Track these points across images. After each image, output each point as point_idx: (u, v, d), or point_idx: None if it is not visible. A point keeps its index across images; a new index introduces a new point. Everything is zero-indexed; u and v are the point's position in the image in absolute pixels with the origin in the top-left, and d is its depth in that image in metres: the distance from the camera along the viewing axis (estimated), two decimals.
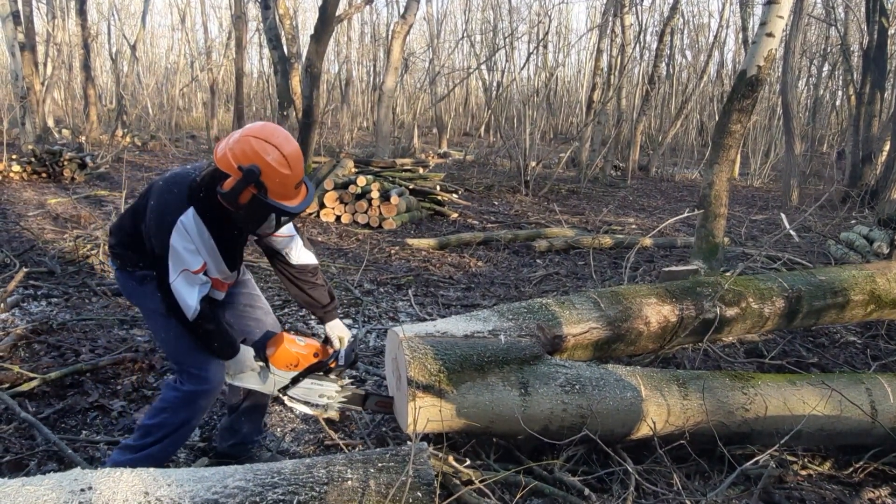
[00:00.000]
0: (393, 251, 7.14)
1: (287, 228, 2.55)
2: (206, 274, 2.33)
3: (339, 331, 2.68)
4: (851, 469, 2.92)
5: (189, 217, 2.21)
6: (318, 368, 2.53)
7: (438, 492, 2.02)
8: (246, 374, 2.49)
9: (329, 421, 3.15)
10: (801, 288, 3.74)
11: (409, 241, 7.51)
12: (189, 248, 2.22)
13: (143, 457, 2.39)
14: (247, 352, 2.48)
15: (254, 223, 2.27)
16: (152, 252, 2.27)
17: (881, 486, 2.84)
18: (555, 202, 11.58)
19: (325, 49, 10.31)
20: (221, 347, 2.39)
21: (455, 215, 9.78)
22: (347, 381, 2.66)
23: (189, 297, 2.24)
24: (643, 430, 2.77)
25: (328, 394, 2.57)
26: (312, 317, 4.67)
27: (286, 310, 4.80)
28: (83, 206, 8.20)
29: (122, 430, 3.02)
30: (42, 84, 16.15)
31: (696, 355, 3.84)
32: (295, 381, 2.51)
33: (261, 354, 2.51)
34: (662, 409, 2.76)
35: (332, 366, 2.56)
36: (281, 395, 2.56)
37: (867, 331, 4.71)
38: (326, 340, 2.65)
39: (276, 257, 2.63)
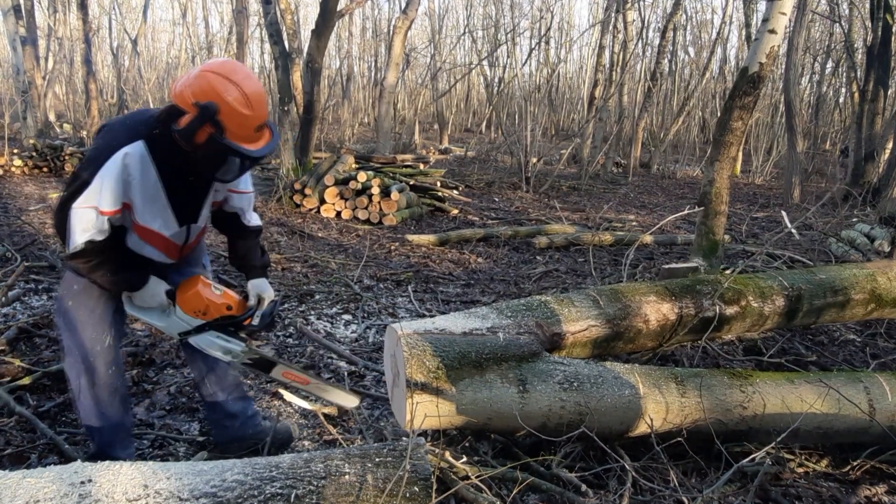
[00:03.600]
0: (393, 247, 7.15)
1: (249, 185, 2.49)
2: (135, 222, 2.22)
3: (261, 289, 2.52)
4: (848, 467, 2.93)
5: (136, 149, 2.10)
6: (229, 323, 2.38)
7: (435, 486, 2.03)
8: (150, 309, 2.35)
9: (327, 416, 3.17)
10: (802, 286, 3.74)
11: (410, 237, 7.53)
12: (117, 184, 2.08)
13: (93, 427, 2.43)
14: (156, 286, 2.34)
15: (212, 166, 2.14)
16: (73, 180, 2.11)
17: (878, 484, 2.85)
18: (555, 199, 11.58)
19: (326, 44, 10.31)
20: (117, 280, 2.26)
21: (455, 212, 9.79)
22: (258, 343, 2.52)
23: (80, 233, 2.09)
24: (641, 428, 2.77)
25: (233, 351, 2.42)
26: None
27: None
28: None
29: None
30: (43, 78, 16.17)
31: (694, 353, 3.84)
32: (200, 329, 2.36)
33: (171, 294, 2.37)
34: (660, 406, 2.77)
35: (246, 323, 2.41)
36: (180, 340, 2.43)
37: (866, 329, 4.71)
38: (246, 297, 2.50)
39: (230, 219, 2.54)
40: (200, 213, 2.44)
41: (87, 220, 2.08)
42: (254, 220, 2.59)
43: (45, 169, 10.68)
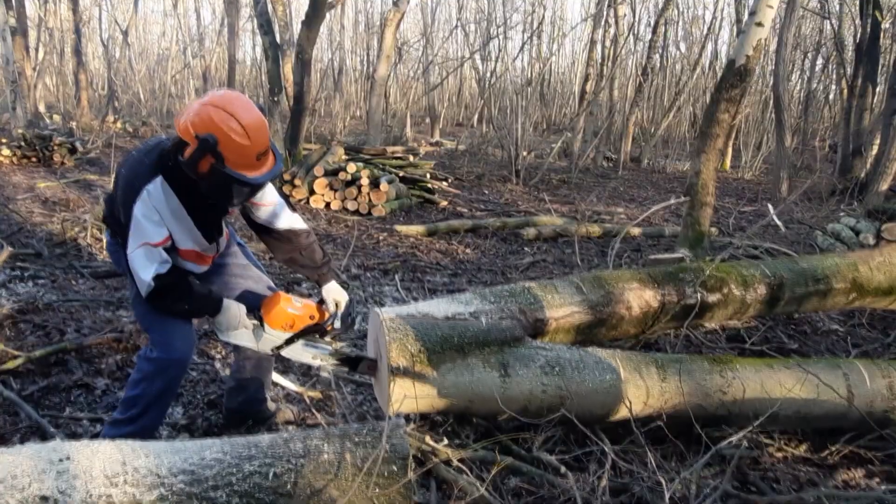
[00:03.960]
0: (381, 237, 7.15)
1: (271, 197, 2.56)
2: (175, 246, 2.33)
3: (335, 294, 2.68)
4: (827, 452, 2.97)
5: (157, 185, 2.22)
6: (314, 331, 2.53)
7: (414, 466, 2.05)
8: (239, 331, 2.48)
9: (312, 399, 3.19)
10: (784, 275, 3.76)
11: (398, 227, 7.52)
12: (153, 218, 2.22)
13: (138, 428, 2.44)
14: (236, 308, 2.47)
15: (218, 194, 2.27)
16: (119, 221, 2.28)
17: (856, 469, 2.89)
18: (545, 191, 11.60)
19: (317, 35, 10.28)
20: (195, 308, 2.40)
21: (445, 203, 9.79)
22: (342, 344, 2.66)
23: (144, 271, 2.24)
24: (622, 412, 2.80)
25: (321, 356, 2.57)
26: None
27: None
28: (72, 190, 8.16)
29: (105, 407, 3.03)
30: (33, 69, 16.04)
31: (677, 341, 3.87)
32: (289, 341, 2.51)
33: (256, 314, 2.51)
34: (641, 391, 2.79)
35: (329, 329, 2.56)
36: (274, 354, 2.57)
37: (849, 319, 4.76)
38: (322, 302, 2.65)
39: (263, 228, 2.63)
40: (224, 227, 2.61)
41: (145, 258, 2.24)
42: (293, 223, 2.64)
43: (33, 159, 10.59)
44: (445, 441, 2.57)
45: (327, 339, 2.60)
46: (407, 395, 2.52)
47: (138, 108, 20.81)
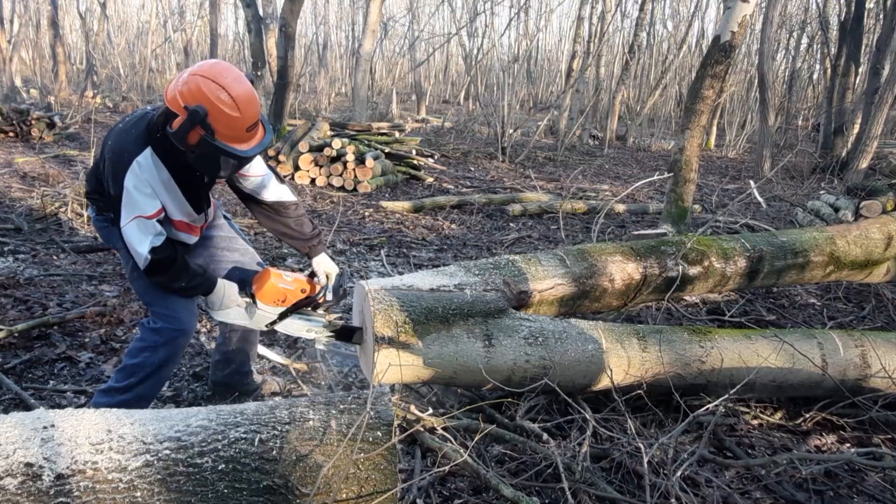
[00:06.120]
0: (367, 213, 7.14)
1: (258, 168, 2.53)
2: (168, 217, 2.32)
3: (326, 266, 2.68)
4: (801, 419, 3.04)
5: (146, 157, 2.18)
6: (307, 304, 2.54)
7: (398, 433, 2.07)
8: (232, 309, 2.48)
9: (298, 371, 3.21)
10: (763, 248, 3.82)
11: (384, 203, 7.51)
12: (144, 190, 2.19)
13: (133, 396, 2.44)
14: (228, 287, 2.46)
15: (207, 165, 2.24)
16: (110, 195, 2.24)
17: (828, 434, 2.98)
18: (531, 169, 11.61)
19: (300, 8, 10.15)
20: (191, 286, 2.38)
21: (431, 180, 9.77)
22: (334, 316, 2.67)
23: (139, 244, 2.22)
24: (604, 382, 2.84)
25: (315, 328, 2.58)
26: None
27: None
28: (51, 166, 8.05)
29: (90, 380, 3.04)
30: (9, 42, 15.71)
31: (658, 314, 3.92)
32: (282, 316, 2.52)
33: (247, 290, 2.50)
34: (622, 361, 2.84)
35: (321, 301, 2.57)
36: (267, 329, 2.58)
37: (826, 293, 4.84)
38: (313, 275, 2.65)
39: (251, 199, 2.61)
40: (210, 199, 2.60)
41: (139, 231, 2.21)
42: (281, 195, 2.61)
43: (10, 134, 10.42)
44: (430, 410, 2.60)
45: (320, 311, 2.61)
46: (392, 365, 2.55)
47: (118, 82, 20.50)
